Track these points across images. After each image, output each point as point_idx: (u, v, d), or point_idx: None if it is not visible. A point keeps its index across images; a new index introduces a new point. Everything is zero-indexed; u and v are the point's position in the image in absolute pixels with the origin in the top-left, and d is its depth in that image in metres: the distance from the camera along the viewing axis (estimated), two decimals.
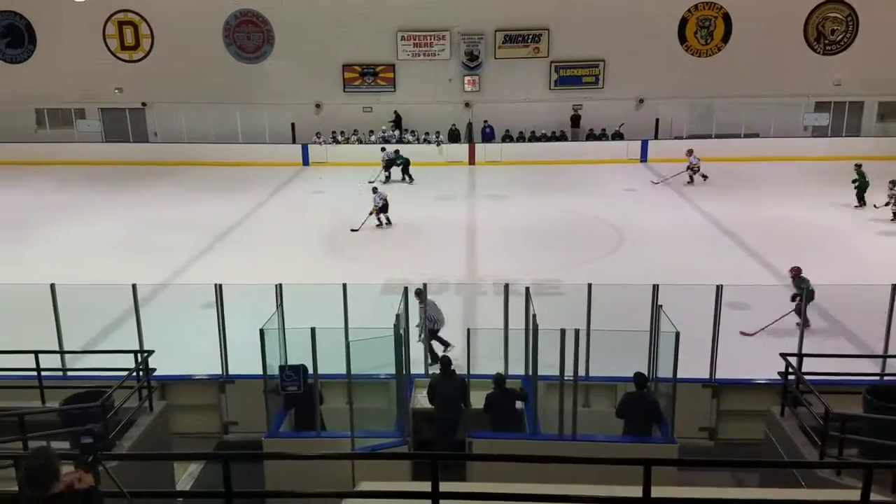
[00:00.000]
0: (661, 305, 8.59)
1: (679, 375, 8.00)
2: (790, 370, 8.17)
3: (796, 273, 12.11)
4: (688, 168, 22.96)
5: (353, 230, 18.17)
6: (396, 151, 24.66)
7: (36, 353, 8.65)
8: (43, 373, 8.65)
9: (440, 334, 10.85)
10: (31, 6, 27.36)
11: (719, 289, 9.29)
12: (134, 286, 9.66)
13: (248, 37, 28.21)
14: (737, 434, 9.58)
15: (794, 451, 7.62)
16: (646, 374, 8.62)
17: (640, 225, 18.64)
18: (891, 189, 18.45)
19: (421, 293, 10.54)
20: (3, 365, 9.03)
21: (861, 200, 19.66)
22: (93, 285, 11.35)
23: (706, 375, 9.52)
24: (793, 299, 11.91)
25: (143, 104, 28.68)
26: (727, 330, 9.74)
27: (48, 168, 25.72)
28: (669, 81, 27.45)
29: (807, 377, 7.95)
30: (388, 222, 18.74)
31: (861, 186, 19.69)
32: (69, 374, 9.56)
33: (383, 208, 18.68)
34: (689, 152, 23.19)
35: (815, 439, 7.39)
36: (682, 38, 27.80)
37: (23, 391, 8.59)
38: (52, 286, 9.69)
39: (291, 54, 27.99)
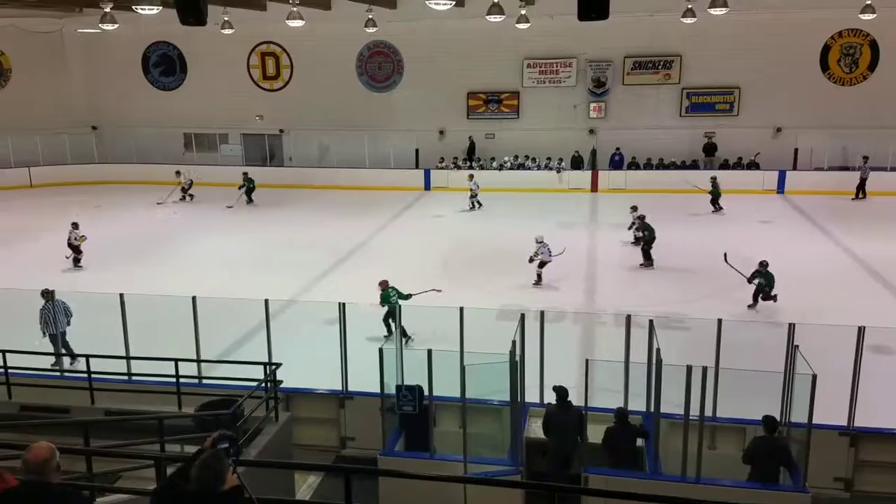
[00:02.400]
0: (797, 346, 8.09)
1: (815, 421, 7.50)
2: None
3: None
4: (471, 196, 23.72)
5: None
6: (245, 174, 25.41)
7: (175, 360, 9.22)
8: (181, 380, 9.20)
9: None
10: (183, 37, 29.61)
11: (861, 331, 8.65)
12: (266, 301, 10.16)
13: (380, 67, 29.29)
14: (875, 486, 8.89)
15: None
16: (777, 417, 8.11)
17: (776, 259, 17.59)
18: (632, 212, 19.18)
19: (46, 293, 11.49)
20: (147, 370, 9.73)
21: (715, 205, 22.83)
22: (229, 299, 12.03)
23: (844, 422, 8.87)
24: None
25: (281, 131, 30.32)
26: (870, 375, 9.03)
27: (194, 188, 27.58)
28: (810, 110, 26.03)
29: None
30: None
31: (714, 195, 22.71)
32: (204, 381, 10.13)
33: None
34: (470, 177, 23.67)
35: None
36: (825, 65, 26.33)
37: (162, 396, 9.16)
38: (194, 299, 10.35)
39: (419, 83, 28.79)
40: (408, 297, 12.73)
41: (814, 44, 26.20)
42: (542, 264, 15.97)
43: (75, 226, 17.91)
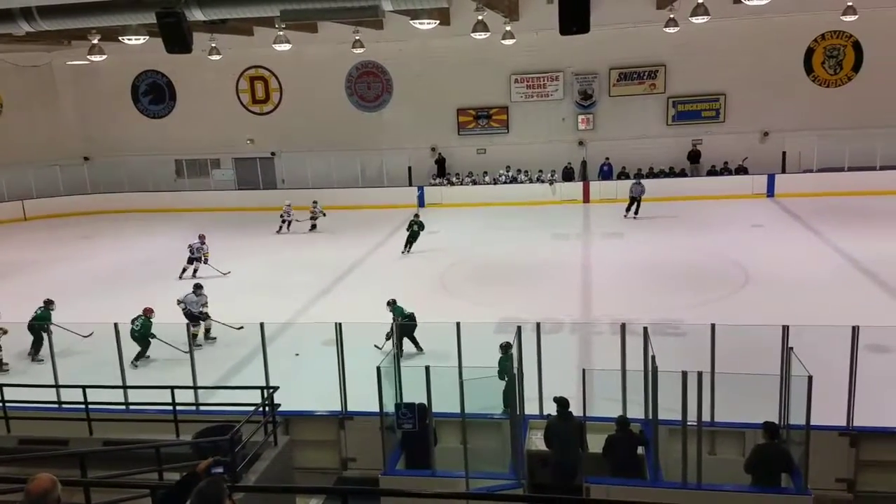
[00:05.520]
0: (791, 348, 8.12)
1: (813, 422, 7.50)
2: None
3: None
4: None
5: None
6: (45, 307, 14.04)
7: (172, 388, 9.19)
8: (178, 407, 9.16)
9: None
10: (171, 65, 29.75)
11: (856, 330, 8.68)
12: (262, 325, 10.16)
13: (369, 87, 29.44)
14: (879, 486, 8.85)
15: None
16: (776, 420, 8.12)
17: (769, 262, 17.74)
18: (313, 206, 23.79)
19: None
20: (143, 399, 9.70)
21: (408, 246, 20.52)
22: (224, 325, 12.04)
23: (843, 423, 8.87)
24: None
25: (273, 154, 30.41)
26: (868, 375, 9.05)
27: (186, 214, 27.63)
28: (796, 113, 26.25)
29: None
30: None
31: (412, 236, 20.52)
32: (201, 408, 10.09)
33: None
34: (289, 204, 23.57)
35: None
36: (809, 68, 26.56)
37: (159, 424, 9.10)
38: (188, 326, 10.36)
39: (409, 101, 28.95)
40: None
41: (797, 47, 26.44)
42: (191, 261, 19.06)
43: None
